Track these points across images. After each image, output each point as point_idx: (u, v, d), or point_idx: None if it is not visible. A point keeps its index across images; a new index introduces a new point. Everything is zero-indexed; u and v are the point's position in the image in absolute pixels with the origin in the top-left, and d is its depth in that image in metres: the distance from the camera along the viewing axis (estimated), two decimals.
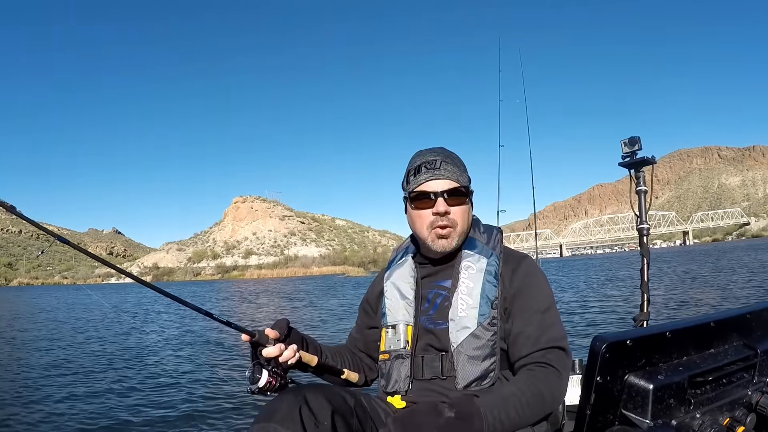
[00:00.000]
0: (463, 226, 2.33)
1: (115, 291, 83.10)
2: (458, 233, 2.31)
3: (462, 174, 2.34)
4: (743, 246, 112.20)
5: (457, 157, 2.40)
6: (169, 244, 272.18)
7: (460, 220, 2.30)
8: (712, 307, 17.34)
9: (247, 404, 8.58)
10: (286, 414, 1.88)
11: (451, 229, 2.29)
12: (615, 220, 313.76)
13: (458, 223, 2.30)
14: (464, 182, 2.33)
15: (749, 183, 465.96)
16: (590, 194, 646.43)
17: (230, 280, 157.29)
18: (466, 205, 2.34)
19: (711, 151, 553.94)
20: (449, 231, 2.29)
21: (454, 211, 2.29)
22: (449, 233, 2.29)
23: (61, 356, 15.79)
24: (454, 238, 2.30)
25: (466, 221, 2.35)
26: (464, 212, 2.33)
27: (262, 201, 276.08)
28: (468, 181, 2.37)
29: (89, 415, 8.76)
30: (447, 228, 2.29)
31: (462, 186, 2.31)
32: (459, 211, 2.31)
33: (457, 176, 2.31)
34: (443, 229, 2.29)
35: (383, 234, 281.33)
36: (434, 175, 2.29)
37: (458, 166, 2.34)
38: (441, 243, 2.31)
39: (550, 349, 2.10)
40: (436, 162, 2.31)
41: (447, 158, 2.34)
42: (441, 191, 2.28)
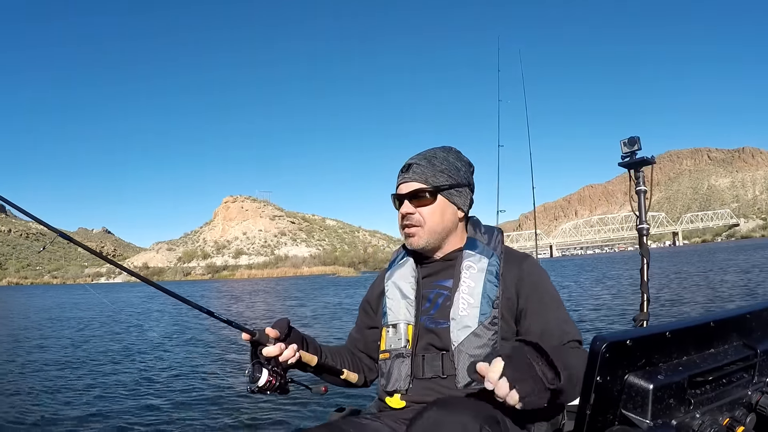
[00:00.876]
0: (434, 225, 2.38)
1: (107, 290, 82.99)
2: (427, 232, 2.38)
3: (436, 174, 2.39)
4: (733, 247, 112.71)
5: (442, 158, 2.44)
6: (159, 244, 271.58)
7: (428, 219, 2.37)
8: (711, 307, 17.40)
9: (247, 403, 8.58)
10: None
11: (417, 228, 2.38)
12: (605, 220, 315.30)
13: (425, 221, 2.37)
14: (436, 182, 2.37)
15: (739, 184, 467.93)
16: (580, 195, 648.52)
17: (220, 280, 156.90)
18: (432, 205, 2.38)
19: (701, 153, 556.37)
20: (415, 230, 2.38)
21: (420, 211, 2.37)
22: (415, 232, 2.38)
23: (59, 354, 15.79)
24: (422, 237, 2.38)
25: (439, 220, 2.39)
26: (432, 212, 2.38)
27: (252, 201, 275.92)
28: (447, 181, 2.40)
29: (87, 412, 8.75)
30: (411, 227, 2.38)
31: (431, 187, 2.36)
32: (426, 210, 2.37)
33: (427, 177, 2.37)
34: (408, 228, 2.40)
35: (374, 234, 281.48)
36: (403, 179, 2.41)
37: (434, 167, 2.40)
38: (409, 240, 2.42)
39: (572, 343, 2.17)
40: (409, 166, 2.41)
41: (423, 160, 2.42)
42: (406, 193, 2.38)
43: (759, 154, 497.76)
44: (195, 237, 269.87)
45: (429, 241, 2.39)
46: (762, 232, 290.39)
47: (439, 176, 2.38)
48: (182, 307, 31.74)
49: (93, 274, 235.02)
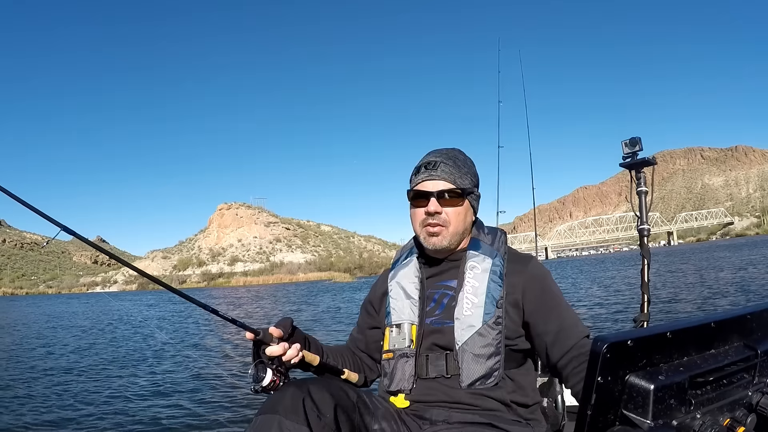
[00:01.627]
0: (458, 227, 2.38)
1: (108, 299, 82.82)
2: (451, 233, 2.37)
3: (462, 176, 2.38)
4: (728, 245, 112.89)
5: (463, 160, 2.44)
6: (154, 252, 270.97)
7: (453, 220, 2.36)
8: (710, 307, 17.43)
9: (248, 402, 8.58)
10: (290, 406, 1.90)
11: (443, 228, 2.36)
12: (600, 221, 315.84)
13: (451, 222, 2.36)
14: (462, 184, 2.37)
15: (732, 183, 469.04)
16: (575, 196, 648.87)
17: (216, 288, 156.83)
18: (461, 206, 2.38)
19: (694, 152, 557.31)
20: (440, 229, 2.36)
21: (447, 212, 2.35)
22: (440, 231, 2.36)
23: (65, 358, 15.93)
24: (446, 237, 2.36)
25: (462, 222, 2.39)
26: (458, 213, 2.37)
27: (247, 207, 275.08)
28: (470, 184, 2.41)
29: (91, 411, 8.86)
30: (437, 227, 2.36)
31: (458, 188, 2.35)
32: (452, 211, 2.36)
33: (455, 178, 2.36)
34: (433, 227, 2.36)
35: (369, 239, 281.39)
36: (430, 176, 2.36)
37: (460, 169, 2.39)
38: (432, 240, 2.38)
39: (585, 339, 2.23)
40: (436, 163, 2.37)
41: (449, 160, 2.40)
42: (435, 191, 2.34)
43: (752, 153, 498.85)
44: (190, 245, 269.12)
45: (451, 243, 2.39)
46: (756, 229, 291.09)
47: (465, 178, 2.40)
48: (186, 309, 31.76)
49: (89, 283, 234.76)
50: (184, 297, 2.29)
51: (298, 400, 1.92)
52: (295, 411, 1.89)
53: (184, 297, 2.29)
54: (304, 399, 1.93)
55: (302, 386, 1.99)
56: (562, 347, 2.22)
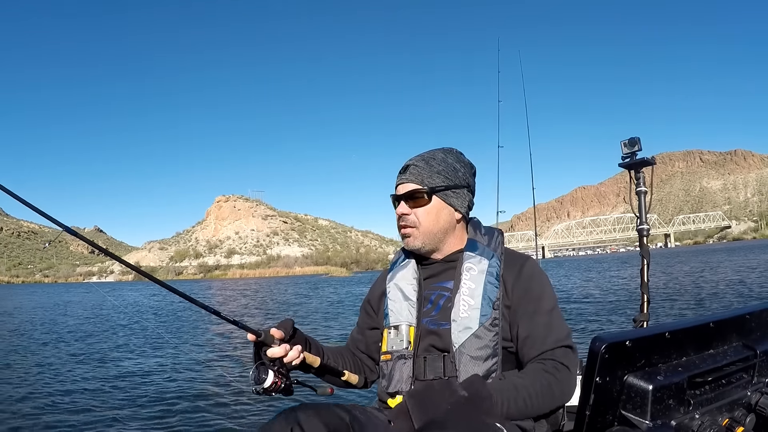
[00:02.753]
0: (429, 226, 2.39)
1: (101, 289, 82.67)
2: (423, 233, 2.39)
3: (432, 175, 2.39)
4: (725, 248, 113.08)
5: (441, 159, 2.45)
6: (151, 243, 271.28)
7: (423, 220, 2.38)
8: (709, 307, 17.46)
9: (250, 403, 8.57)
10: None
11: (413, 229, 2.39)
12: (597, 222, 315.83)
13: (421, 223, 2.38)
14: (431, 183, 2.38)
15: (730, 187, 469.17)
16: (572, 196, 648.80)
17: (212, 280, 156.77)
18: (428, 205, 2.39)
19: (693, 155, 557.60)
20: (410, 230, 2.40)
21: (415, 212, 2.39)
22: (410, 232, 2.40)
23: (59, 353, 15.79)
24: (417, 237, 2.39)
25: (434, 221, 2.40)
26: (427, 213, 2.39)
27: (244, 200, 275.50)
28: (443, 182, 2.41)
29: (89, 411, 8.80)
30: (406, 228, 2.41)
31: (426, 188, 2.37)
32: (421, 212, 2.39)
33: (423, 178, 2.38)
34: (404, 228, 2.42)
35: (366, 234, 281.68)
36: (401, 180, 2.42)
37: (431, 168, 2.41)
38: (405, 241, 2.44)
39: (558, 348, 2.14)
40: (407, 167, 2.43)
41: (421, 161, 2.42)
42: (402, 194, 2.40)
43: (751, 157, 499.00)
44: (187, 236, 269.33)
45: (425, 242, 2.40)
46: (753, 234, 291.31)
47: (436, 177, 2.39)
48: (184, 305, 31.79)
49: (85, 273, 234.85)
50: (185, 297, 2.27)
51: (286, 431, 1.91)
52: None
53: (185, 297, 2.27)
54: (293, 429, 1.91)
55: (290, 416, 1.98)
56: (527, 355, 2.21)
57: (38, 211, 2.19)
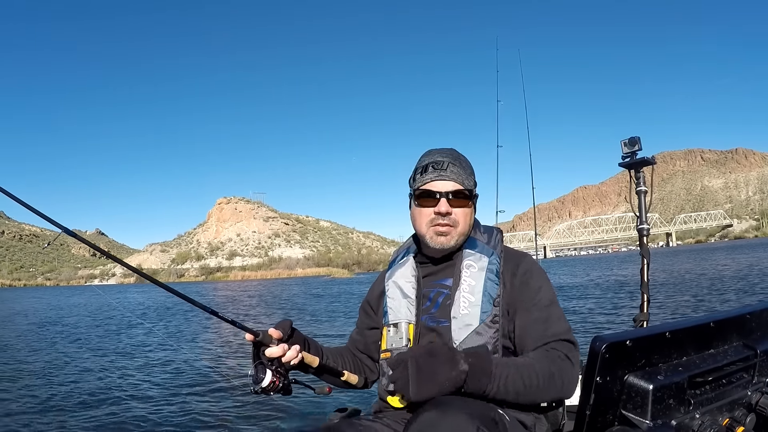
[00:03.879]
0: (464, 228, 2.37)
1: (106, 292, 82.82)
2: (458, 233, 2.36)
3: (468, 177, 2.39)
4: (727, 247, 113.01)
5: (465, 161, 2.44)
6: (152, 246, 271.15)
7: (461, 221, 2.36)
8: (709, 307, 17.44)
9: (248, 402, 8.57)
10: None
11: (452, 228, 2.34)
12: (598, 221, 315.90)
13: (459, 223, 2.35)
14: (469, 185, 2.38)
15: (732, 185, 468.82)
16: (574, 196, 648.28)
17: (214, 282, 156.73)
18: (469, 207, 2.39)
19: (694, 154, 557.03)
20: (449, 230, 2.34)
21: (456, 212, 2.35)
22: (449, 231, 2.34)
23: (59, 354, 15.81)
24: (454, 237, 2.35)
25: (467, 223, 2.39)
26: (466, 214, 2.37)
27: (246, 202, 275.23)
28: (473, 185, 2.41)
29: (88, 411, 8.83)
30: (447, 227, 2.34)
31: (466, 189, 2.36)
32: (461, 212, 2.36)
33: (463, 179, 2.36)
34: (443, 227, 2.34)
35: (367, 236, 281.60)
36: (440, 176, 2.34)
37: (465, 169, 2.39)
38: (440, 240, 2.36)
39: (559, 341, 2.14)
40: (444, 163, 2.36)
41: (455, 160, 2.39)
42: (445, 192, 2.33)
43: (752, 155, 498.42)
44: (189, 238, 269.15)
45: (458, 243, 2.39)
46: (755, 232, 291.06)
47: (470, 180, 2.41)
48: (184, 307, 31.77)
49: (87, 275, 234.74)
50: (183, 298, 2.27)
51: None
52: None
53: (183, 298, 2.27)
54: None
55: None
56: (526, 346, 2.20)
57: (38, 213, 2.20)
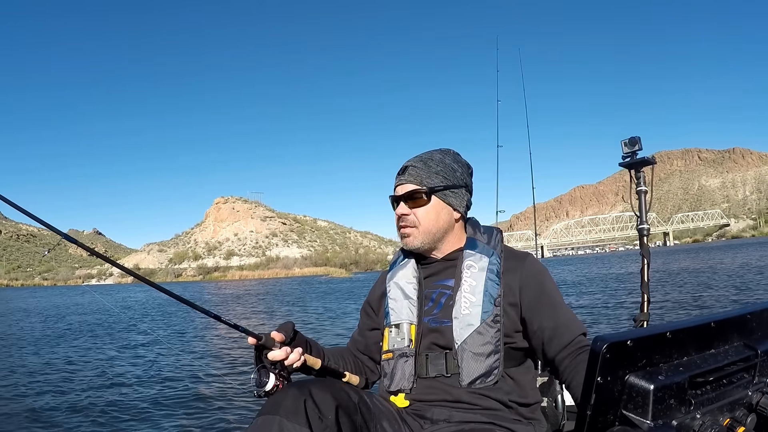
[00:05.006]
0: (428, 226, 2.42)
1: (103, 292, 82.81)
2: (422, 232, 2.42)
3: (431, 176, 2.42)
4: (724, 246, 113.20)
5: (439, 160, 2.48)
6: (150, 245, 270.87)
7: (422, 220, 2.42)
8: (708, 307, 17.46)
9: (251, 406, 8.55)
10: (291, 407, 1.89)
11: (412, 228, 2.43)
12: (596, 221, 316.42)
13: (420, 222, 2.42)
14: (430, 184, 2.41)
15: (729, 185, 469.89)
16: (571, 195, 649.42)
17: (212, 281, 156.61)
18: (426, 205, 2.42)
19: (691, 153, 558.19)
20: (410, 230, 2.44)
21: (415, 212, 2.43)
22: (410, 232, 2.44)
23: (56, 358, 15.71)
24: (417, 237, 2.43)
25: (433, 221, 2.43)
26: (427, 212, 2.42)
27: (243, 202, 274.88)
28: (442, 182, 2.44)
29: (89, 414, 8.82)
30: (406, 228, 2.44)
31: (424, 188, 2.40)
32: (420, 211, 2.42)
33: (422, 179, 2.41)
34: (403, 228, 2.46)
35: (365, 235, 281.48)
36: (399, 181, 2.47)
37: (429, 169, 2.44)
38: (405, 240, 2.47)
39: (581, 336, 2.23)
40: (406, 168, 2.47)
41: (419, 162, 2.46)
42: (401, 195, 2.43)
43: (749, 155, 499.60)
44: (186, 238, 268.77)
45: (424, 242, 2.43)
46: (752, 231, 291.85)
47: (434, 178, 2.42)
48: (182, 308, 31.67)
49: (84, 275, 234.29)
50: (185, 302, 2.27)
51: (299, 401, 1.91)
52: (295, 412, 1.88)
53: (185, 302, 2.27)
54: (306, 400, 1.91)
55: (303, 387, 1.98)
56: (559, 344, 2.23)
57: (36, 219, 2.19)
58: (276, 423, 1.85)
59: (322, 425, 1.90)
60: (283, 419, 1.85)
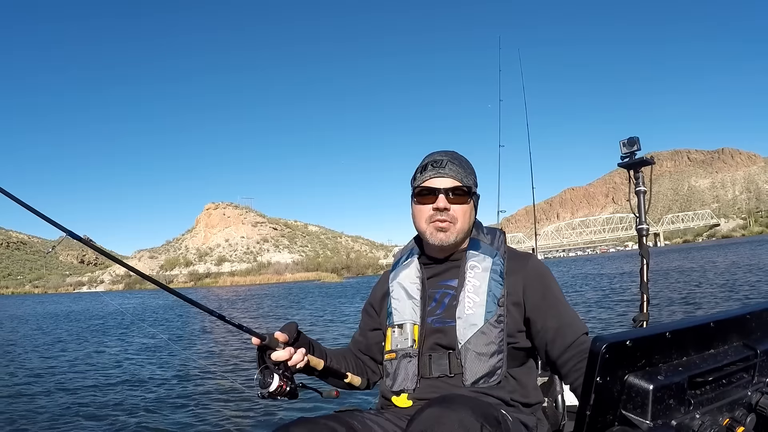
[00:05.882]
0: (463, 225, 2.41)
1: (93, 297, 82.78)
2: (457, 230, 2.40)
3: (467, 175, 2.42)
4: (715, 246, 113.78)
5: (465, 161, 2.49)
6: (141, 252, 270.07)
7: (460, 217, 2.39)
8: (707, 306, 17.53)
9: (254, 407, 8.55)
10: None
11: (450, 224, 2.38)
12: (586, 222, 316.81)
13: (458, 220, 2.39)
14: (468, 183, 2.41)
15: (719, 185, 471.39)
16: (562, 198, 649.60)
17: (203, 288, 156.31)
18: (467, 204, 2.42)
19: (681, 154, 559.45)
20: (448, 225, 2.38)
21: (454, 209, 2.39)
22: (448, 227, 2.38)
23: (59, 360, 15.87)
24: (453, 233, 2.39)
25: (467, 220, 2.42)
26: (465, 211, 2.41)
27: (234, 207, 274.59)
28: (473, 184, 2.44)
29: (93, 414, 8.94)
30: (446, 223, 2.38)
31: (465, 186, 2.39)
32: (459, 209, 2.39)
33: (461, 177, 2.39)
34: (442, 223, 2.38)
35: (356, 240, 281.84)
36: (438, 173, 2.39)
37: (464, 168, 2.43)
38: (439, 236, 2.40)
39: (583, 336, 2.26)
40: (443, 161, 2.40)
41: (454, 159, 2.43)
42: (444, 188, 2.38)
43: (738, 155, 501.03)
44: (177, 244, 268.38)
45: (457, 240, 2.42)
46: (742, 231, 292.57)
47: (470, 178, 2.44)
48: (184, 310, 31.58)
49: (75, 283, 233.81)
50: (191, 302, 2.27)
51: None
52: None
53: (191, 302, 2.27)
54: None
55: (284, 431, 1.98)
56: (562, 344, 2.24)
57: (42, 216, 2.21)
58: None
59: None
60: None
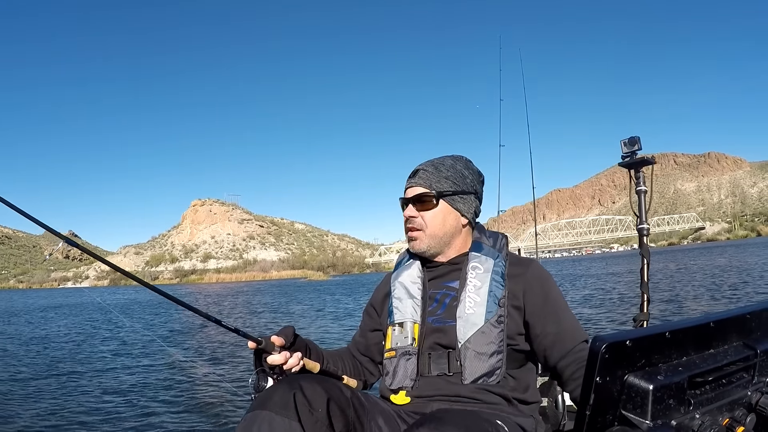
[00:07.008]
0: (435, 230, 2.46)
1: (81, 294, 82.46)
2: (428, 236, 2.46)
3: (440, 180, 2.47)
4: (700, 249, 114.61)
5: (450, 165, 2.53)
6: (126, 248, 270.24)
7: (429, 223, 2.46)
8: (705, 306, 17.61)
9: (245, 407, 8.51)
10: (280, 401, 1.91)
11: (419, 232, 2.47)
12: (572, 224, 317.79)
13: (427, 226, 2.46)
14: (440, 188, 2.45)
15: (704, 188, 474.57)
16: (548, 199, 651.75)
17: (189, 284, 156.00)
18: (434, 209, 2.46)
19: (667, 158, 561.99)
20: (417, 233, 2.48)
21: (423, 216, 2.47)
22: (417, 235, 2.49)
23: (48, 362, 15.58)
24: (423, 240, 2.47)
25: (440, 225, 2.46)
26: (434, 216, 2.46)
27: (220, 204, 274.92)
28: (451, 187, 2.47)
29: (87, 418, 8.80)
30: (413, 230, 2.48)
31: (433, 191, 2.44)
32: (428, 215, 2.46)
33: (431, 182, 2.46)
34: (411, 231, 2.50)
35: (342, 238, 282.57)
36: (410, 183, 2.50)
37: (440, 173, 2.48)
38: (411, 243, 2.52)
39: (582, 344, 2.25)
40: (417, 171, 2.51)
41: (430, 166, 2.50)
42: (410, 197, 2.47)
43: (724, 159, 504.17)
44: (163, 241, 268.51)
45: (430, 245, 2.47)
46: (727, 234, 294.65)
47: (444, 182, 2.46)
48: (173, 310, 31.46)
49: (60, 278, 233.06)
50: (187, 307, 2.25)
51: (288, 395, 1.92)
52: (285, 406, 1.89)
53: (187, 307, 2.25)
54: (295, 394, 1.92)
55: (294, 382, 1.99)
56: (561, 350, 2.25)
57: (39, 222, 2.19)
58: (265, 418, 1.86)
59: (312, 418, 1.91)
60: (272, 413, 1.87)
